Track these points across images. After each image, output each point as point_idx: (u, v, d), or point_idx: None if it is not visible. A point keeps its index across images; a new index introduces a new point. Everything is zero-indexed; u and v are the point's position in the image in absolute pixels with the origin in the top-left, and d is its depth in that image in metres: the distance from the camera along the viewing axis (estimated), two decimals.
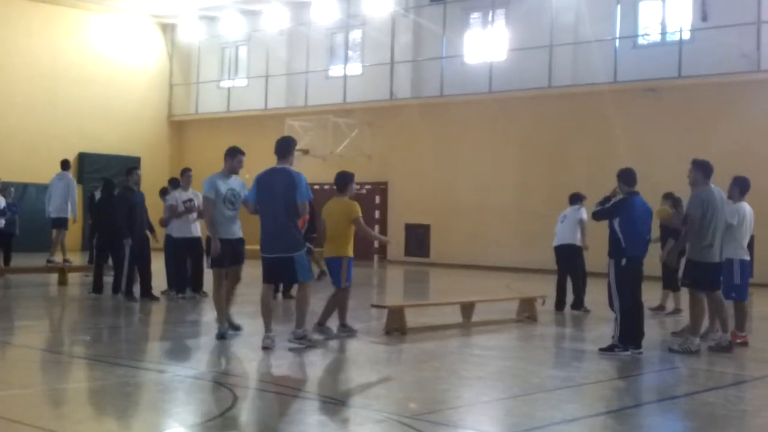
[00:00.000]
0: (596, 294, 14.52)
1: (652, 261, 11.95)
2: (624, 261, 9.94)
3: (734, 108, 21.77)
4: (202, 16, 32.47)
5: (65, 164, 19.72)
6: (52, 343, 10.71)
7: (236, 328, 10.72)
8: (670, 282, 13.82)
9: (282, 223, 9.65)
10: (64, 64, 30.01)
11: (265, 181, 9.85)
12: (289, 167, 9.87)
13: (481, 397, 7.91)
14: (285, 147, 10.02)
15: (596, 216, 10.48)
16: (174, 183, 15.01)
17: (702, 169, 10.24)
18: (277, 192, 9.67)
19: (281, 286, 14.66)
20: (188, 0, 30.59)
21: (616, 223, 10.04)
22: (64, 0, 29.90)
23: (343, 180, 11.00)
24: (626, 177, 10.24)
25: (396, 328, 11.21)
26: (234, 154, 10.54)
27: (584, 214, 14.06)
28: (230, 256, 10.25)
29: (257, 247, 9.78)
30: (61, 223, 19.06)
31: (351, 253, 10.80)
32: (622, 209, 10.08)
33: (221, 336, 10.17)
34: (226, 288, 10.41)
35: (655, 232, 12.22)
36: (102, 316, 12.94)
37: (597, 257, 13.47)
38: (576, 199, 14.60)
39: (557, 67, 24.45)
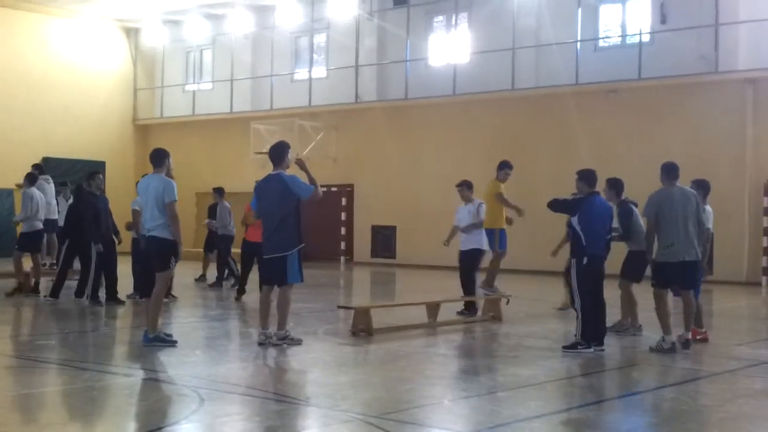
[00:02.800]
0: (559, 293, 14.73)
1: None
2: (585, 259, 10.08)
3: (693, 109, 22.12)
4: (166, 20, 32.32)
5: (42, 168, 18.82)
6: (17, 348, 10.64)
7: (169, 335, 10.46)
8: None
9: (276, 227, 10.03)
10: (26, 69, 29.74)
11: (261, 188, 10.28)
12: (282, 173, 10.14)
13: (447, 395, 8.01)
14: (278, 152, 10.30)
15: (553, 206, 10.59)
16: None
17: (667, 172, 10.39)
18: (272, 198, 10.05)
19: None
20: (152, 4, 30.44)
21: (575, 221, 10.18)
22: (25, 5, 29.63)
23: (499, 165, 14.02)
24: (586, 177, 10.41)
25: (362, 328, 11.29)
26: (169, 156, 10.36)
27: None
28: None
29: None
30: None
31: (503, 225, 13.66)
32: (580, 207, 10.22)
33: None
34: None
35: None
36: (67, 320, 12.87)
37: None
38: None
39: (520, 70, 24.69)
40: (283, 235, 10.00)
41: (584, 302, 10.09)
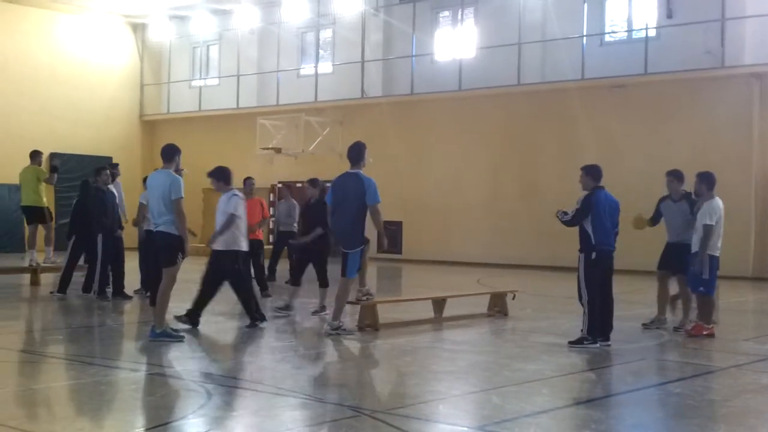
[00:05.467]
0: (566, 288, 14.73)
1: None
2: (594, 255, 10.08)
3: (699, 104, 22.09)
4: (173, 16, 32.37)
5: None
6: (25, 343, 10.69)
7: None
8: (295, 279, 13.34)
9: (347, 223, 10.64)
10: (33, 65, 29.79)
11: (337, 184, 10.87)
12: (360, 172, 10.76)
13: (453, 390, 8.01)
14: (357, 152, 10.91)
15: (571, 223, 10.33)
16: None
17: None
18: (347, 195, 10.64)
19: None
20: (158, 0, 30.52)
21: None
22: (32, 0, 29.69)
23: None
24: (592, 172, 10.41)
25: (369, 324, 11.33)
26: (179, 152, 10.38)
27: None
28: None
29: None
30: None
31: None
32: (590, 206, 10.19)
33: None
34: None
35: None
36: (75, 315, 12.92)
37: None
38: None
39: (526, 65, 24.66)
40: (351, 232, 10.60)
41: (591, 297, 10.09)
